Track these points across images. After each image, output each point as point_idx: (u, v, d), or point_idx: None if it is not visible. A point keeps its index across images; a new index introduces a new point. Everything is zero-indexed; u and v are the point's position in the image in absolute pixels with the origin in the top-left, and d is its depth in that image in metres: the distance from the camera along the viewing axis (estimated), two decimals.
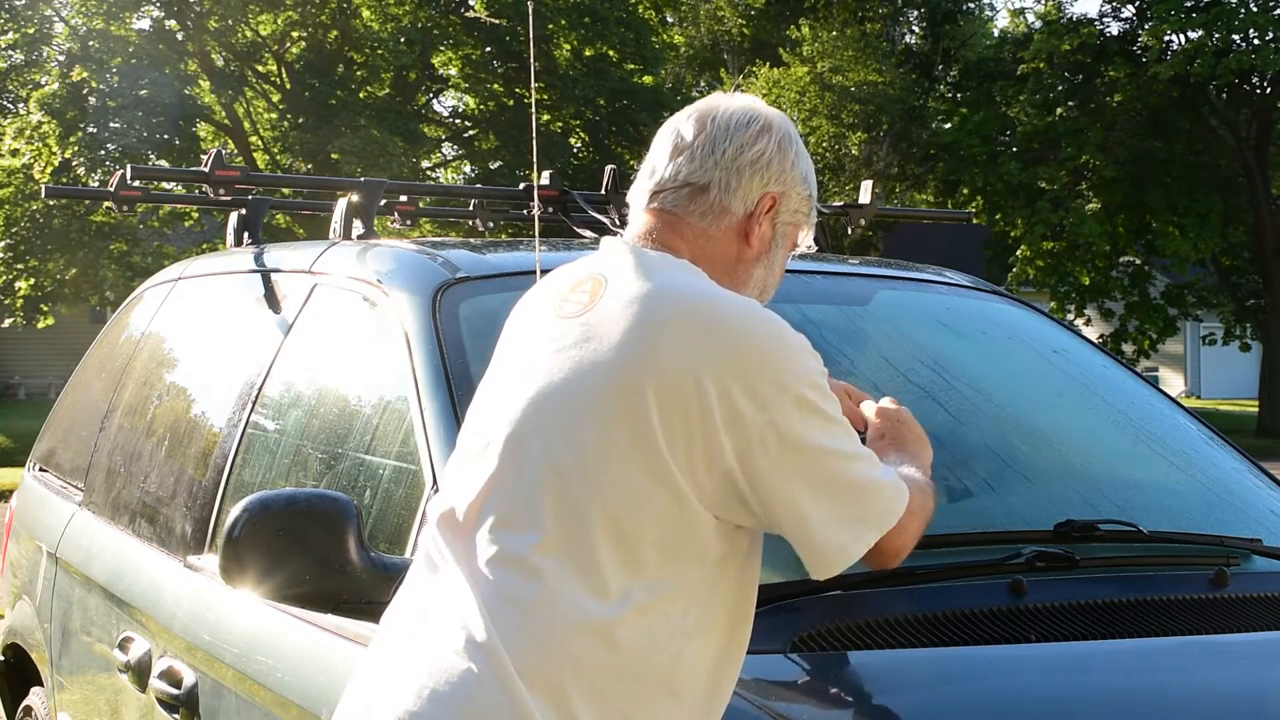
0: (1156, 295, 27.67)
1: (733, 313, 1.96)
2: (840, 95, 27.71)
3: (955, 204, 26.57)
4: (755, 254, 2.11)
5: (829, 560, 1.96)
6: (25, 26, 22.84)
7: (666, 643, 1.92)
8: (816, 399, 1.95)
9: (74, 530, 4.12)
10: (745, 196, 2.09)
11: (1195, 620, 2.57)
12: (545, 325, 2.06)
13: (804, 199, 2.14)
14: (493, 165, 24.62)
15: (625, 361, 1.93)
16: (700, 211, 2.08)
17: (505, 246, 3.55)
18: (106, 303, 23.78)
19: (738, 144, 2.09)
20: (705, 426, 1.90)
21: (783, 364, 1.93)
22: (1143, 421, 3.39)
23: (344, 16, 23.42)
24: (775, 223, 2.12)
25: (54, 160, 21.02)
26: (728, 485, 1.92)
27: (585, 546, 1.90)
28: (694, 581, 1.94)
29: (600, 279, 2.04)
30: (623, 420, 1.92)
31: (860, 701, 2.29)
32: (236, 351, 3.66)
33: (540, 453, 1.96)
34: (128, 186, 4.33)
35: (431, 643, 1.93)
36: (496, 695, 1.86)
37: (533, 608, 1.89)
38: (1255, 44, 23.95)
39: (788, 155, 2.11)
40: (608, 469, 1.92)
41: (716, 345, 1.92)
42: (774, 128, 2.12)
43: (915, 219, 8.37)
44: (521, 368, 2.05)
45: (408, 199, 4.40)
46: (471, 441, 2.07)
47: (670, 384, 1.91)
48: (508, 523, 1.95)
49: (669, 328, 1.94)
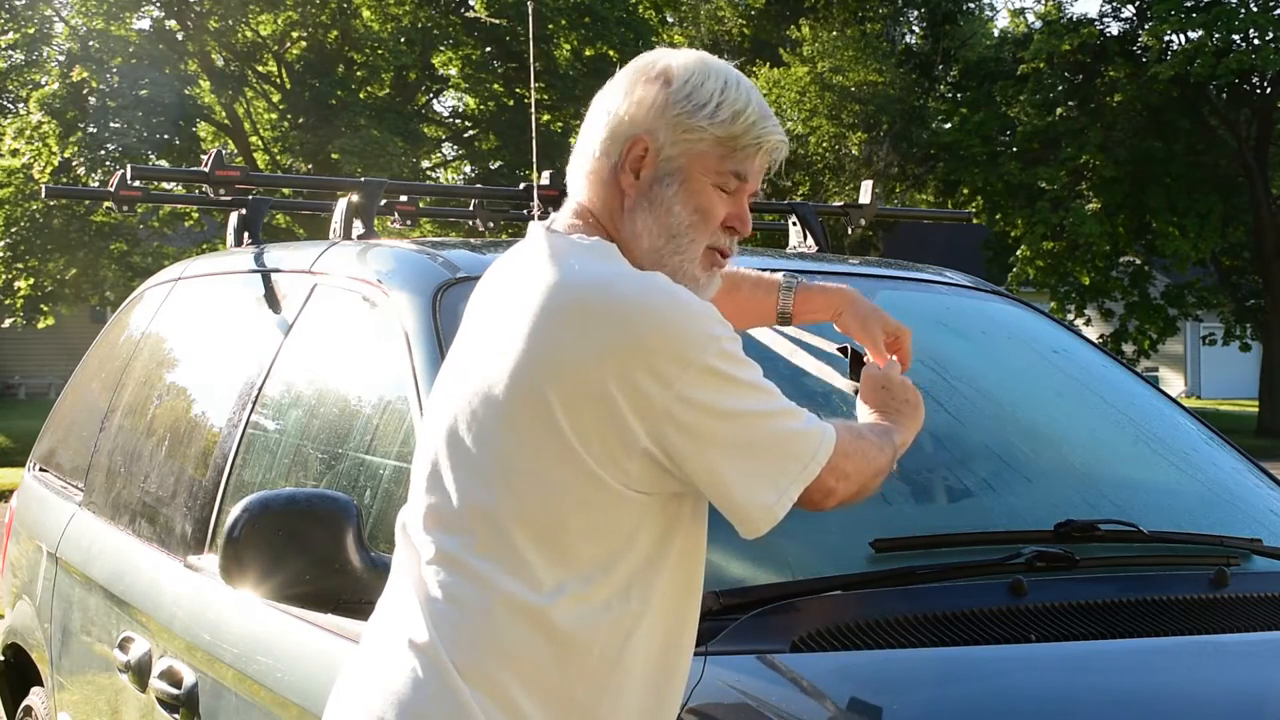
0: (1156, 295, 27.67)
1: (625, 295, 1.92)
2: (840, 95, 27.71)
3: (955, 204, 26.57)
4: (632, 201, 2.05)
5: (755, 520, 1.95)
6: (25, 26, 22.84)
7: (614, 625, 1.93)
8: (723, 365, 1.91)
9: (74, 530, 4.12)
10: (609, 150, 2.07)
11: (1195, 620, 2.57)
12: (476, 322, 2.09)
13: (685, 129, 2.03)
14: (493, 165, 24.63)
15: (524, 361, 1.93)
16: (589, 181, 2.09)
17: (505, 246, 3.54)
18: (106, 303, 23.79)
19: (603, 105, 2.09)
20: (613, 416, 1.89)
21: (682, 338, 1.90)
22: (1143, 421, 3.39)
23: (344, 16, 23.43)
24: (656, 165, 2.04)
25: (54, 160, 21.02)
26: (649, 463, 1.92)
27: (510, 546, 1.92)
28: (633, 562, 1.94)
29: (520, 272, 2.04)
30: (529, 420, 1.92)
31: (860, 701, 2.29)
32: (236, 351, 3.66)
33: (461, 456, 1.98)
34: (128, 186, 4.34)
35: (385, 643, 1.98)
36: (438, 692, 1.90)
37: (467, 605, 1.92)
38: (1255, 44, 23.94)
39: (647, 94, 2.04)
40: (521, 469, 1.92)
41: (610, 332, 1.89)
42: (646, 74, 2.07)
43: (915, 219, 8.34)
44: (453, 368, 2.08)
45: (408, 199, 4.40)
46: (421, 445, 2.09)
47: (570, 379, 1.90)
48: (442, 524, 1.98)
49: (560, 321, 1.92)
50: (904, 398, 2.22)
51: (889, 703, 2.30)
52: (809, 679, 2.28)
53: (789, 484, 1.95)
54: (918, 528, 2.72)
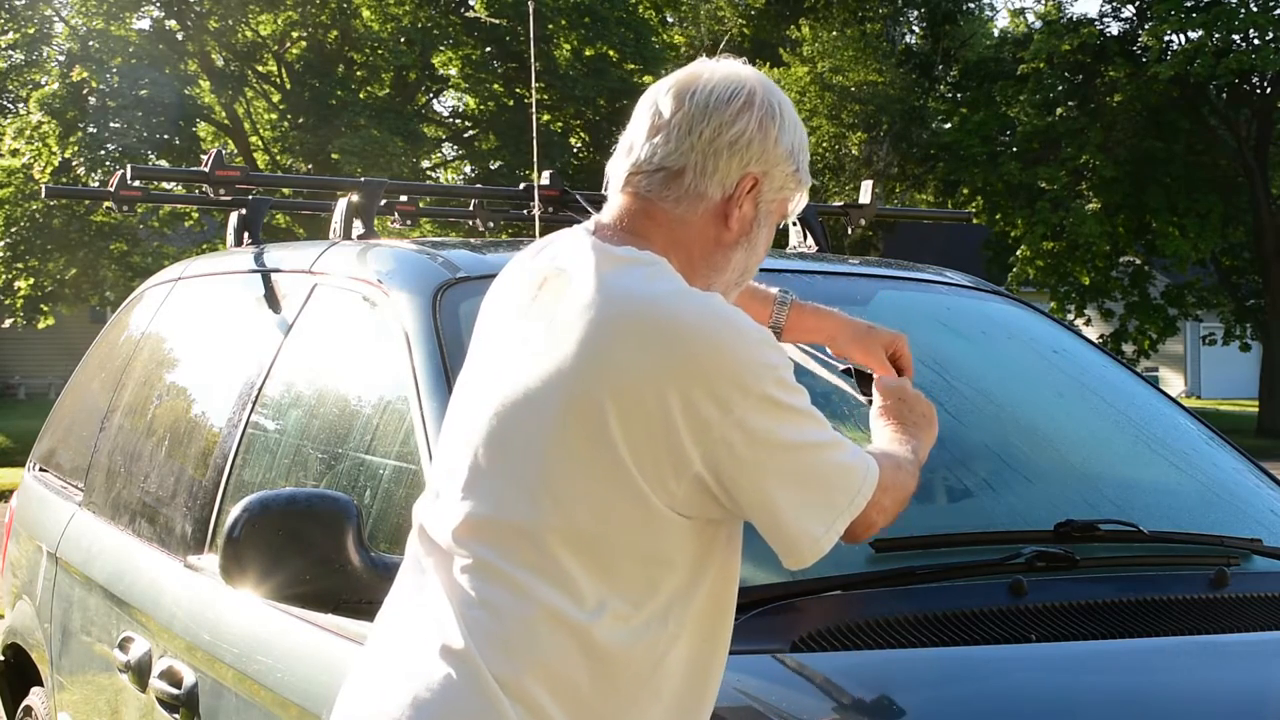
0: (1156, 295, 27.66)
1: (689, 316, 1.88)
2: (840, 95, 27.71)
3: (955, 204, 26.57)
4: (735, 237, 2.02)
5: (802, 551, 1.93)
6: (25, 26, 22.85)
7: (650, 647, 1.90)
8: (780, 394, 1.89)
9: (74, 530, 4.12)
10: (724, 180, 1.99)
11: (1195, 620, 2.57)
12: (512, 324, 2.01)
13: (789, 175, 2.04)
14: (493, 165, 24.62)
15: (582, 373, 1.88)
16: (675, 197, 1.99)
17: (505, 246, 3.54)
18: (106, 303, 23.79)
19: (715, 124, 1.98)
20: (670, 436, 1.85)
21: (743, 364, 1.87)
22: (1143, 421, 3.39)
23: (344, 16, 23.42)
24: (758, 203, 2.03)
25: (54, 160, 21.02)
26: (699, 488, 1.89)
27: (553, 559, 1.87)
28: (673, 584, 1.91)
29: (564, 277, 1.97)
30: (583, 434, 1.87)
31: (860, 701, 2.29)
32: (236, 351, 3.66)
33: (501, 464, 1.93)
34: (128, 186, 4.34)
35: (413, 648, 1.93)
36: (474, 701, 1.85)
37: (506, 615, 1.87)
38: (1255, 44, 23.94)
39: (770, 132, 2.00)
40: (571, 483, 1.88)
41: (673, 352, 1.85)
42: (756, 102, 2.00)
43: (915, 219, 8.37)
44: (491, 371, 2.01)
45: (408, 199, 4.40)
46: (448, 445, 2.04)
47: (629, 397, 1.85)
48: (480, 532, 1.92)
49: (623, 336, 1.87)
50: (920, 410, 2.21)
51: (889, 703, 2.30)
52: (809, 679, 2.28)
53: (835, 518, 1.93)
54: (918, 528, 2.72)
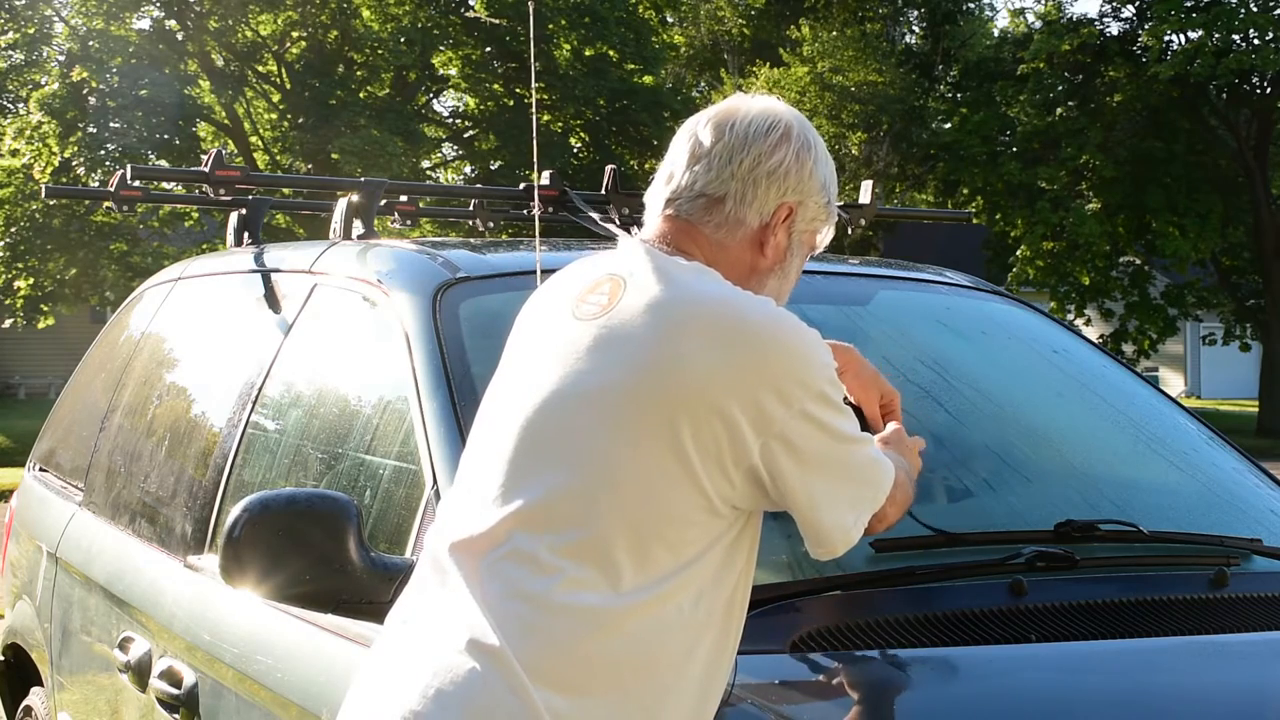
0: (1156, 295, 27.66)
1: (754, 315, 1.98)
2: (840, 95, 27.70)
3: (955, 204, 26.57)
4: (770, 263, 2.13)
5: (834, 542, 2.03)
6: (25, 26, 22.86)
7: (681, 632, 1.93)
8: (833, 392, 2.00)
9: (74, 530, 4.12)
10: (761, 208, 2.10)
11: (1195, 620, 2.57)
12: (561, 327, 2.06)
13: (821, 206, 2.16)
14: (493, 165, 24.64)
15: (648, 369, 1.94)
16: (715, 223, 2.10)
17: (505, 246, 3.55)
18: (106, 303, 23.79)
19: (755, 154, 2.09)
20: (731, 430, 1.93)
21: (806, 362, 1.97)
22: (1143, 421, 3.39)
23: (344, 16, 23.43)
24: (791, 231, 2.13)
25: (54, 160, 21.03)
26: (752, 479, 1.96)
27: (604, 549, 1.91)
28: (704, 574, 1.96)
29: (619, 281, 2.04)
30: (648, 427, 1.93)
31: (860, 701, 2.29)
32: (236, 351, 3.66)
33: (559, 457, 1.96)
34: (128, 186, 4.33)
35: (436, 643, 1.93)
36: (502, 694, 1.86)
37: (541, 604, 1.89)
38: (1255, 44, 23.95)
39: (805, 164, 2.12)
40: (632, 474, 1.93)
41: (740, 350, 1.94)
42: (793, 136, 2.12)
43: (915, 219, 8.35)
44: (538, 370, 2.04)
45: (408, 199, 4.39)
46: (484, 442, 2.07)
47: (696, 392, 1.93)
48: (523, 523, 1.95)
49: (691, 334, 1.95)
50: (908, 444, 2.30)
51: (889, 703, 2.30)
52: (809, 679, 2.28)
53: (863, 510, 2.05)
54: (918, 528, 2.72)
